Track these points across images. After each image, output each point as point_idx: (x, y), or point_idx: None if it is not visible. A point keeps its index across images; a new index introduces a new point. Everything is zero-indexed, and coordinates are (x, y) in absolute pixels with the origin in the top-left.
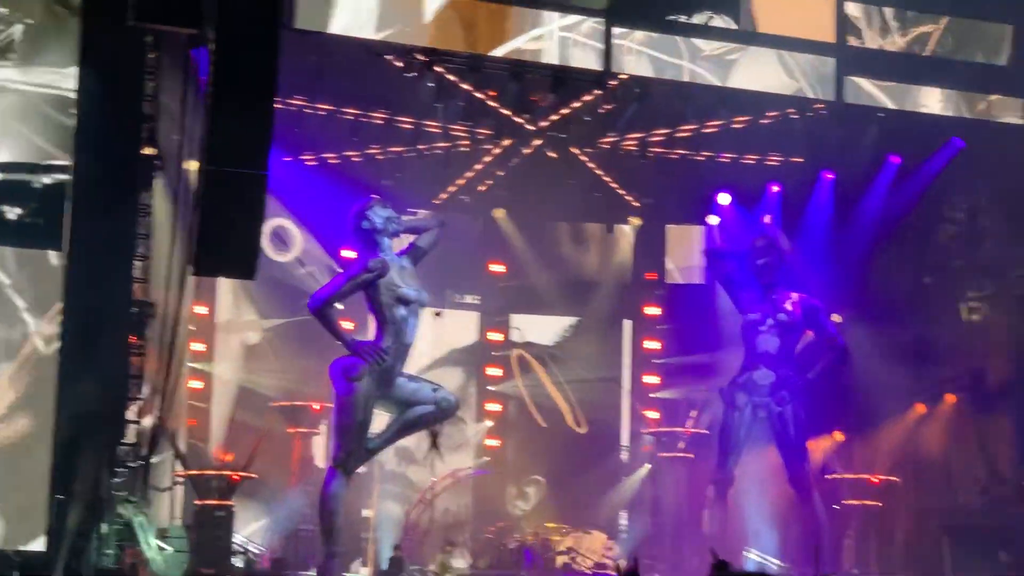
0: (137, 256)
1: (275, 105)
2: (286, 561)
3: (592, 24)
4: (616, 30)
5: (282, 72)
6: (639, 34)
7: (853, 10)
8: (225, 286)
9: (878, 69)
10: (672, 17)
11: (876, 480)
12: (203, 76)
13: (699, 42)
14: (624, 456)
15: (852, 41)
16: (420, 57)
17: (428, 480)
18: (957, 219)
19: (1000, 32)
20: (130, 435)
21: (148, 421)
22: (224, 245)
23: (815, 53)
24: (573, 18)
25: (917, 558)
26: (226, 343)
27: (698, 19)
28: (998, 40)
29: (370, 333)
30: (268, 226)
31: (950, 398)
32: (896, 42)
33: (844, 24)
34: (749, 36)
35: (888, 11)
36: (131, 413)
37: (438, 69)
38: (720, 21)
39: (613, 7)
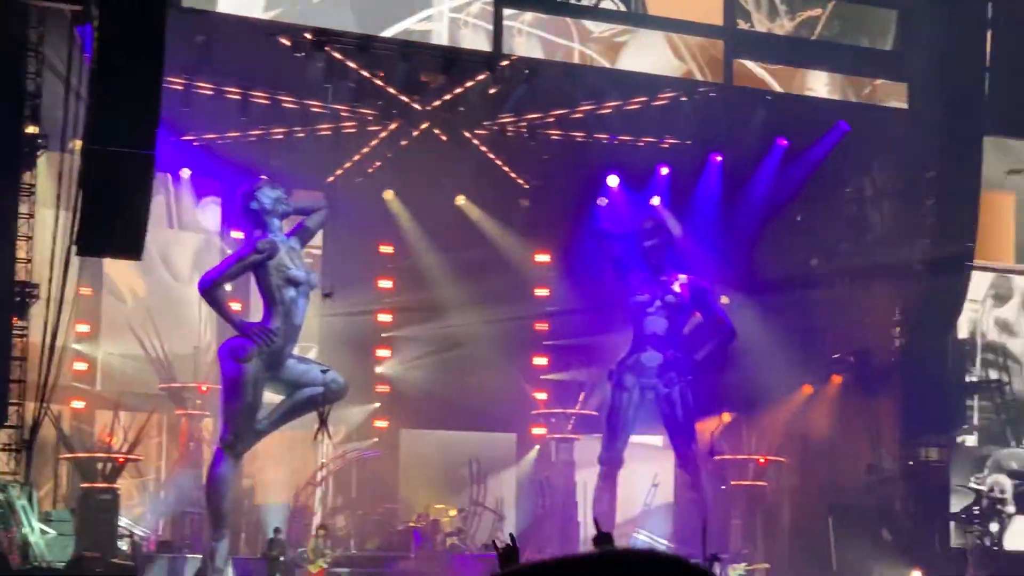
0: (20, 236)
1: (162, 84)
2: (173, 543)
3: (482, 5)
4: (506, 11)
5: (169, 51)
6: (529, 15)
7: None
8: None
9: (766, 52)
10: None
11: (763, 461)
12: (88, 54)
13: (589, 24)
14: (514, 437)
15: (741, 24)
16: (309, 37)
17: (317, 462)
18: (844, 201)
19: (886, 17)
20: (12, 417)
21: (31, 403)
22: (109, 225)
23: (704, 36)
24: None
25: (803, 537)
26: (112, 325)
27: (588, 0)
28: (884, 25)
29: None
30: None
31: (836, 379)
32: (784, 26)
33: (733, 7)
34: (639, 18)
35: None
36: (14, 395)
37: (327, 50)
38: (610, 3)
39: None
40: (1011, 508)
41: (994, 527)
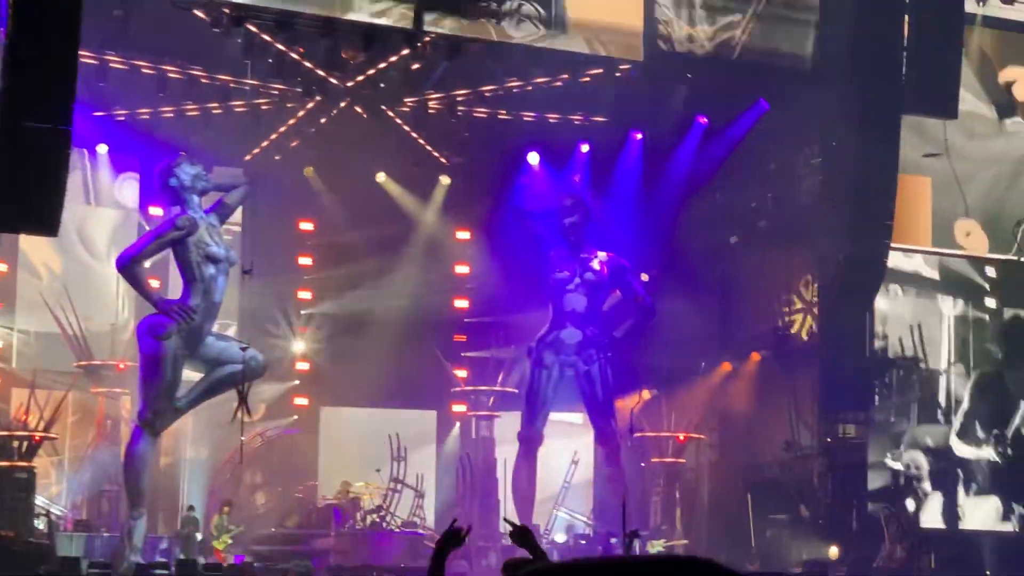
0: None
1: (78, 59)
2: (90, 522)
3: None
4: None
5: (86, 25)
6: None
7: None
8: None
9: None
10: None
11: (682, 438)
12: (2, 27)
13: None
14: (434, 414)
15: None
16: (227, 12)
17: (236, 440)
18: (764, 179)
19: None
20: None
21: None
22: (25, 201)
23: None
24: None
25: (721, 514)
26: (28, 302)
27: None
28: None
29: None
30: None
31: (755, 356)
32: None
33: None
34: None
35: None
36: None
37: (247, 25)
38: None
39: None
40: (927, 485)
41: (911, 504)
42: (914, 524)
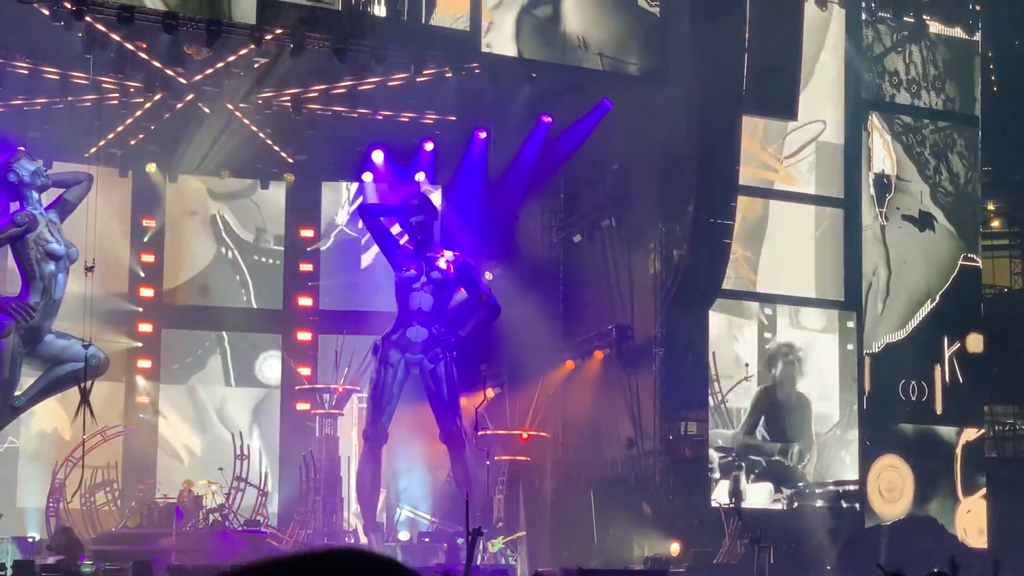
0: None
1: None
2: None
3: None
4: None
5: None
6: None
7: None
8: None
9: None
10: None
11: (526, 436)
12: None
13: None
14: (278, 411)
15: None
16: (68, 6)
17: (78, 438)
18: (607, 178)
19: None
20: None
21: None
22: None
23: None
24: None
25: (565, 511)
26: None
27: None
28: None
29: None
30: None
31: (599, 354)
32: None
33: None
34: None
35: None
36: None
37: (88, 19)
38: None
39: None
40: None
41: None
42: (754, 520)
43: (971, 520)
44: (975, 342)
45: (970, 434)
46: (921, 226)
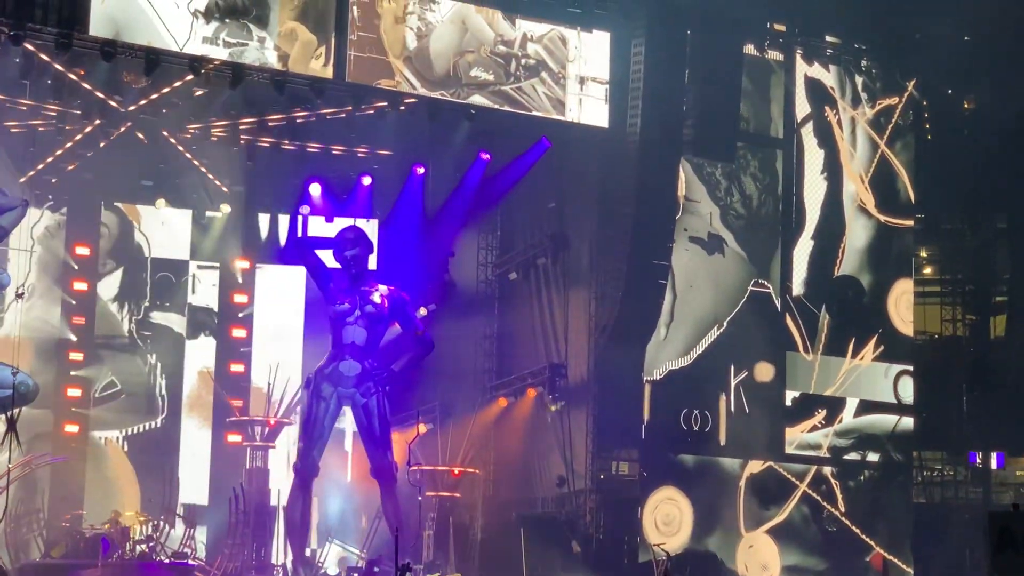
0: None
1: None
2: None
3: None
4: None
5: None
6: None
7: None
8: None
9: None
10: None
11: (457, 472)
12: None
13: None
14: (208, 443)
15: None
16: (6, 31)
17: (3, 467)
18: (544, 216)
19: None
20: None
21: None
22: None
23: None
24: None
25: (495, 548)
26: None
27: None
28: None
29: None
30: None
31: (531, 392)
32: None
33: None
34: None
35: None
36: None
37: (25, 44)
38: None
39: None
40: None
41: None
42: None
43: (752, 555)
44: (764, 371)
45: (755, 466)
46: (710, 249)
